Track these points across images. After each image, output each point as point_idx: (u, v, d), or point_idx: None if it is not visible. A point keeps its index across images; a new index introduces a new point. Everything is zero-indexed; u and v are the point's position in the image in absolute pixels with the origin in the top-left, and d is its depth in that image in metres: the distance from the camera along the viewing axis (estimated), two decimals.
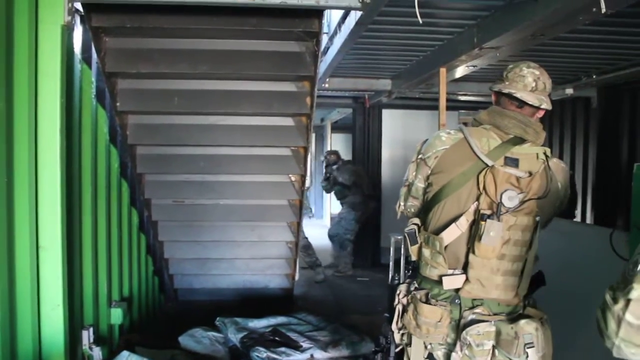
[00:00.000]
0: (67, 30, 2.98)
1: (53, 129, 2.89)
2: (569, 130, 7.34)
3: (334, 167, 8.10)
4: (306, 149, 4.52)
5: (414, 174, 2.37)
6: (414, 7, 3.17)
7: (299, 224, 5.18)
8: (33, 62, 2.78)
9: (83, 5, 3.28)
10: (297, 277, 5.97)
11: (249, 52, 3.88)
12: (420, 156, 2.35)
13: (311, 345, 4.16)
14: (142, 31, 3.68)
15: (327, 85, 6.75)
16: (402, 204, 2.47)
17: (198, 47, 3.86)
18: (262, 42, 3.87)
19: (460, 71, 5.24)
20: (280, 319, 4.71)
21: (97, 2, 3.21)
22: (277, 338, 4.34)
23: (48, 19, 2.83)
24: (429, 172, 2.31)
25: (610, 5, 2.88)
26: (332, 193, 8.35)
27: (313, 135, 13.75)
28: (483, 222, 2.09)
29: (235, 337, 4.39)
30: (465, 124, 2.45)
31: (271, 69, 3.92)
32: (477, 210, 2.16)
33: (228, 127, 4.37)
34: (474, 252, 2.13)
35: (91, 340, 3.60)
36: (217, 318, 4.67)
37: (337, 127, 12.82)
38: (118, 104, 4.00)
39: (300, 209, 5.00)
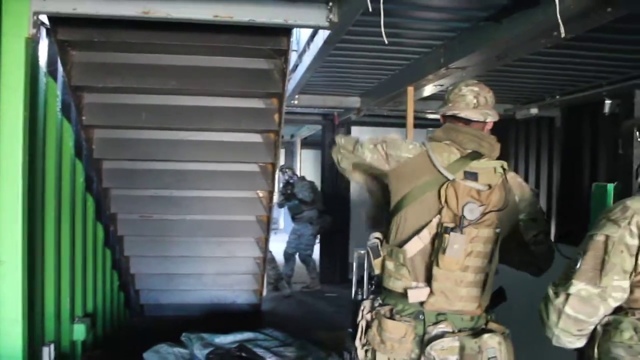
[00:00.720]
0: (32, 43, 2.97)
1: (16, 142, 2.87)
2: (534, 149, 7.47)
3: (291, 181, 8.15)
4: (274, 165, 4.53)
5: (368, 147, 2.34)
6: (381, 27, 3.22)
7: (267, 240, 5.17)
8: None
9: (49, 18, 3.26)
10: (264, 293, 5.95)
11: (218, 69, 3.89)
12: (384, 144, 2.33)
13: None
14: (110, 45, 3.67)
15: (296, 102, 6.77)
16: (343, 142, 2.45)
17: (166, 62, 3.86)
18: (232, 59, 3.89)
19: (428, 90, 5.31)
20: (247, 335, 4.68)
21: (63, 15, 3.18)
22: (243, 354, 4.31)
23: (12, 31, 2.83)
24: (386, 167, 2.32)
25: (570, 31, 2.97)
26: (285, 208, 8.36)
27: (283, 151, 13.79)
28: (447, 235, 2.13)
29: (201, 353, 4.34)
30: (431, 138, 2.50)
31: (240, 85, 3.94)
32: (439, 224, 2.20)
33: (196, 143, 4.36)
34: (437, 265, 2.16)
35: (52, 357, 3.55)
36: (183, 334, 4.62)
37: (306, 143, 12.88)
38: (84, 117, 3.96)
39: (268, 224, 5.00)
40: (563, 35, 2.68)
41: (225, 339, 4.56)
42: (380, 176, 2.45)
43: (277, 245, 8.31)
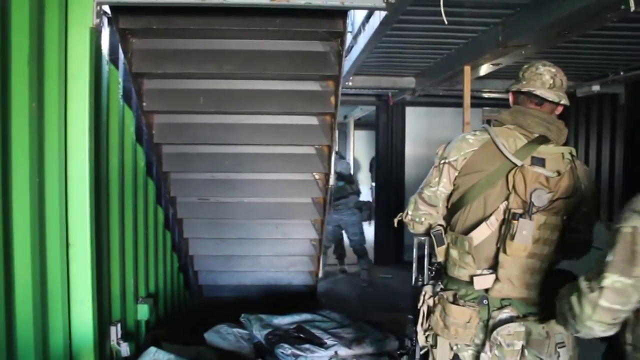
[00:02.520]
0: (96, 33, 3.05)
1: (82, 130, 2.96)
2: (595, 128, 7.23)
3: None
4: (330, 148, 4.53)
5: (436, 179, 2.35)
6: (439, 6, 3.16)
7: (323, 222, 5.20)
8: (63, 64, 2.85)
9: (110, 7, 3.33)
10: (320, 275, 6.00)
11: (274, 52, 3.90)
12: (444, 160, 2.34)
13: (335, 342, 4.18)
14: (168, 32, 3.72)
15: (350, 84, 6.74)
16: (410, 213, 2.43)
17: (223, 47, 3.89)
18: (287, 42, 3.89)
19: (485, 69, 5.21)
20: (305, 316, 4.74)
21: (124, 4, 3.26)
22: (301, 335, 4.36)
23: (77, 21, 2.90)
24: (457, 174, 2.30)
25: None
26: None
27: (336, 133, 13.74)
28: (515, 221, 2.10)
29: (260, 334, 4.42)
30: (488, 121, 2.45)
31: (296, 68, 3.93)
32: (506, 210, 2.16)
33: (253, 126, 4.40)
34: (505, 251, 2.13)
35: (119, 335, 3.66)
36: (242, 315, 4.70)
37: (359, 125, 12.80)
38: (144, 103, 4.05)
39: (324, 206, 5.02)
40: (633, 8, 2.57)
41: (283, 320, 4.63)
42: None
43: None
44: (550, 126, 2.22)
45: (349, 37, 5.32)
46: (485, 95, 7.44)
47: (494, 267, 2.18)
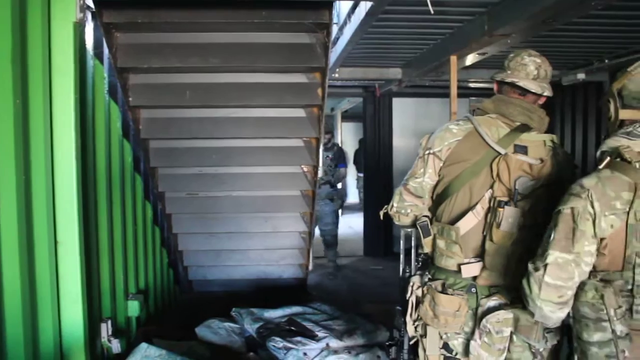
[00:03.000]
0: (79, 27, 3.01)
1: (68, 125, 2.92)
2: (581, 116, 7.28)
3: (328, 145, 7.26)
4: (318, 140, 4.52)
5: (421, 170, 2.35)
6: None
7: (312, 214, 5.20)
8: (47, 59, 2.81)
9: (94, 1, 3.29)
10: (311, 267, 6.00)
11: (260, 45, 3.88)
12: (428, 151, 2.34)
13: (327, 334, 4.18)
14: (153, 26, 3.69)
15: (337, 75, 6.73)
16: (395, 205, 2.43)
17: (209, 40, 3.86)
18: (273, 35, 3.87)
19: (471, 59, 5.22)
20: (296, 309, 4.74)
21: None
22: (293, 328, 4.36)
23: (60, 16, 2.85)
24: (442, 165, 2.31)
25: None
26: None
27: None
28: (501, 209, 2.12)
29: (251, 328, 4.42)
30: (474, 111, 2.46)
31: (282, 60, 3.92)
32: (491, 198, 2.18)
33: (240, 120, 4.38)
34: (491, 239, 2.15)
35: (110, 332, 3.66)
36: (233, 309, 4.70)
37: (347, 117, 12.82)
38: (130, 98, 4.02)
39: (313, 199, 5.02)
40: None
41: (274, 313, 4.63)
42: None
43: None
44: (532, 115, 2.25)
45: (335, 29, 5.31)
46: (472, 85, 7.46)
47: (481, 255, 2.20)
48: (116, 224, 4.08)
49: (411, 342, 2.47)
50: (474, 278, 2.22)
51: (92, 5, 3.33)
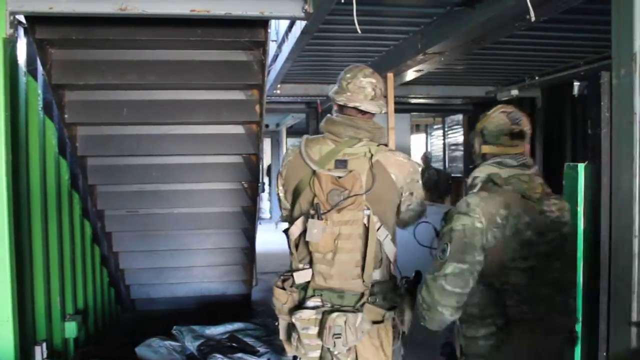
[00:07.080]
0: (10, 43, 2.98)
1: None
2: None
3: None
4: (257, 156, 4.56)
5: (278, 186, 2.58)
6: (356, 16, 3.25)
7: (254, 230, 5.21)
8: None
9: (26, 17, 3.26)
10: (255, 283, 6.00)
11: (197, 62, 3.91)
12: (279, 169, 2.58)
13: (267, 350, 4.21)
14: (88, 43, 3.68)
15: (278, 92, 6.81)
16: (281, 210, 2.67)
17: (145, 57, 3.87)
18: (210, 52, 3.91)
19: (409, 75, 5.37)
20: (237, 325, 4.74)
21: (40, 14, 3.18)
22: (234, 344, 4.37)
23: None
24: (283, 182, 2.53)
25: (541, 14, 3.03)
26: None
27: (268, 141, 13.78)
28: (308, 220, 2.29)
29: (192, 345, 4.40)
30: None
31: (219, 78, 3.96)
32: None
33: (179, 137, 4.38)
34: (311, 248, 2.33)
35: (44, 355, 3.55)
36: (174, 327, 4.66)
37: (292, 132, 12.89)
38: (66, 115, 3.97)
39: (254, 215, 5.04)
40: (533, 19, 2.74)
41: (215, 330, 4.62)
42: None
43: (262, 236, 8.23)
44: (358, 130, 2.39)
45: (274, 46, 5.38)
46: (412, 100, 7.64)
47: (311, 262, 2.37)
48: (52, 242, 4.00)
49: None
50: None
51: (24, 21, 3.29)
